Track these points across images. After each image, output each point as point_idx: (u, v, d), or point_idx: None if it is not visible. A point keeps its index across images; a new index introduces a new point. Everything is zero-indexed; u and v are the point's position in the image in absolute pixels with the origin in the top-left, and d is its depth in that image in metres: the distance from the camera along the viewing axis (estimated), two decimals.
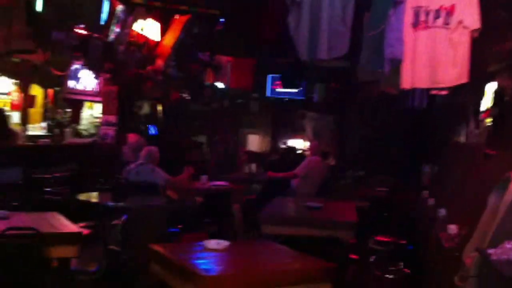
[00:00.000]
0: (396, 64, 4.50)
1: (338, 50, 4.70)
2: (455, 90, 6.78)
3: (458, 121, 9.08)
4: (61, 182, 6.86)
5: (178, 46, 9.51)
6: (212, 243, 3.65)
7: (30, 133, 9.59)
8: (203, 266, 3.23)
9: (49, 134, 9.96)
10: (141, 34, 8.74)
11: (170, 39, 9.50)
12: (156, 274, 3.53)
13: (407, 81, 4.67)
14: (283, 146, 13.62)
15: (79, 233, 3.92)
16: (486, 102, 6.35)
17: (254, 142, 14.67)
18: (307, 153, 9.00)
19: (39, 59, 8.81)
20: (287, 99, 13.44)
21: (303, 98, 13.01)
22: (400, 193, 7.71)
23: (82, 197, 6.02)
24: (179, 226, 5.78)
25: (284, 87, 11.88)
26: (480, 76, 5.66)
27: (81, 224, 5.25)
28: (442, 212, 4.96)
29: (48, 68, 9.23)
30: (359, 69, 6.30)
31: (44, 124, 10.20)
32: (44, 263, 3.70)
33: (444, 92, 7.38)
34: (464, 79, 4.58)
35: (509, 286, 2.72)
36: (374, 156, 12.24)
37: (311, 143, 11.16)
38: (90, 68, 9.19)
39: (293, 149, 13.26)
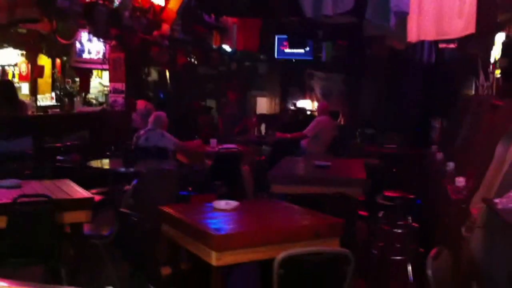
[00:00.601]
0: (402, 17, 4.43)
1: (343, 5, 4.63)
2: (463, 43, 6.70)
3: (468, 74, 8.99)
4: (72, 150, 6.93)
5: (183, 9, 9.41)
6: (221, 204, 3.70)
7: (40, 103, 9.66)
8: (213, 226, 3.28)
9: (59, 103, 10.03)
10: None
11: (175, 3, 9.39)
12: (167, 234, 3.60)
13: (413, 34, 4.62)
14: (292, 107, 13.58)
15: (91, 198, 3.98)
16: (496, 54, 6.26)
17: (263, 104, 14.64)
18: (316, 113, 8.97)
19: (45, 29, 8.79)
20: (295, 59, 13.33)
21: (311, 58, 12.89)
22: (409, 149, 7.71)
23: (94, 164, 6.09)
24: (189, 189, 5.85)
25: (291, 47, 11.77)
26: (489, 27, 5.56)
27: (93, 191, 5.33)
28: (451, 165, 4.96)
29: (55, 37, 9.21)
30: (365, 24, 6.23)
31: (53, 94, 10.25)
32: (57, 229, 3.78)
33: (452, 45, 7.29)
34: (470, 30, 4.52)
35: None
36: (384, 114, 12.19)
37: (319, 103, 11.14)
38: (96, 35, 9.14)
39: (302, 110, 13.23)
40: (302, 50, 12.61)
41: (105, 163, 6.40)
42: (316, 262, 2.91)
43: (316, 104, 12.85)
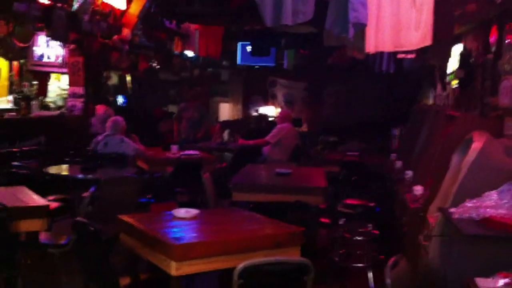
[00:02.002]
0: (360, 28, 4.49)
1: (303, 15, 4.65)
2: (422, 53, 6.85)
3: (426, 84, 9.20)
4: (29, 155, 6.76)
5: (145, 14, 9.33)
6: (181, 212, 3.66)
7: None
8: (173, 235, 3.24)
9: (16, 107, 9.77)
10: (106, 3, 8.53)
11: (136, 8, 9.29)
12: (126, 244, 3.53)
13: (371, 45, 4.69)
14: (255, 113, 13.62)
15: (46, 206, 3.88)
16: (453, 65, 6.43)
17: (225, 110, 14.64)
18: (277, 119, 9.01)
19: (2, 31, 8.58)
20: (258, 66, 13.38)
21: (273, 64, 12.96)
22: (370, 157, 7.81)
23: (51, 170, 5.95)
24: (149, 196, 5.78)
25: (254, 54, 11.81)
26: (446, 39, 5.71)
27: (51, 198, 5.21)
28: (409, 174, 5.05)
29: (11, 40, 9.00)
30: (325, 34, 6.30)
31: (10, 98, 9.98)
32: (12, 237, 3.66)
33: (411, 56, 7.44)
34: (427, 42, 4.62)
35: (470, 243, 2.80)
36: (345, 121, 12.36)
37: (281, 111, 11.19)
38: (54, 39, 8.96)
39: (265, 116, 13.27)
40: (264, 58, 12.67)
41: (63, 169, 6.26)
42: (276, 271, 2.90)
43: (279, 110, 12.92)
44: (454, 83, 6.34)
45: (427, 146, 5.17)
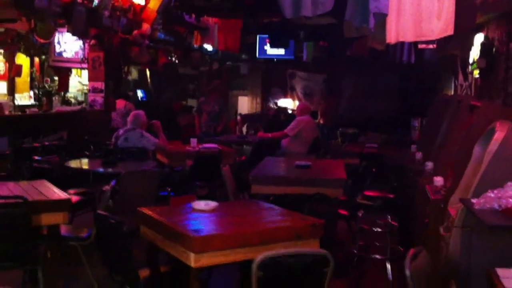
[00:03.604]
0: (381, 18, 4.45)
1: (322, 7, 4.62)
2: (443, 43, 6.76)
3: (447, 74, 9.08)
4: (51, 150, 6.84)
5: (164, 9, 9.35)
6: (201, 204, 3.66)
7: (18, 102, 9.52)
8: (192, 227, 3.25)
9: (37, 103, 9.91)
10: None
11: (155, 2, 9.32)
12: (146, 236, 3.56)
13: (392, 35, 4.64)
14: (274, 106, 13.60)
15: (68, 200, 3.92)
16: (474, 54, 6.33)
17: (244, 103, 14.64)
18: (296, 112, 8.98)
19: (23, 28, 8.69)
20: (276, 59, 13.35)
21: (292, 57, 12.91)
22: (389, 149, 7.75)
23: (72, 164, 6.01)
24: (169, 190, 5.81)
25: (273, 47, 11.78)
26: (468, 28, 5.62)
27: (72, 191, 5.28)
28: (429, 165, 4.99)
29: (33, 36, 9.10)
30: (345, 25, 6.25)
31: (31, 93, 10.12)
32: (33, 231, 3.71)
33: (432, 46, 7.35)
34: (449, 31, 4.55)
35: (491, 234, 2.77)
36: (364, 113, 12.28)
37: (299, 103, 11.15)
38: (75, 35, 9.04)
39: (284, 109, 13.25)
40: (283, 50, 12.63)
41: (84, 163, 6.33)
42: (296, 263, 2.89)
43: (297, 103, 12.87)
44: (476, 72, 6.25)
45: (449, 137, 5.11)
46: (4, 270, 3.86)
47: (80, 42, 10.23)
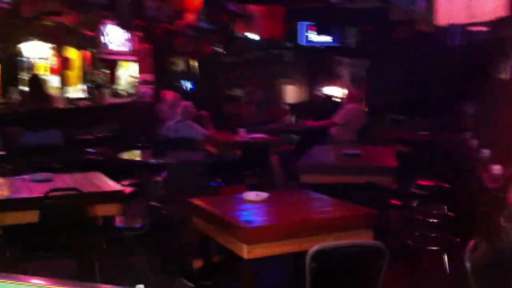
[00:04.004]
0: None
1: None
2: (495, 25, 6.50)
3: (500, 57, 8.74)
4: (103, 142, 6.99)
5: None
6: (251, 195, 3.66)
7: (70, 95, 9.75)
8: (244, 218, 3.25)
9: (89, 95, 10.12)
10: None
11: None
12: (197, 227, 3.58)
13: (442, 17, 4.49)
14: (321, 94, 13.46)
15: (121, 191, 3.99)
16: None
17: (290, 92, 14.55)
18: (344, 100, 8.85)
19: (70, 21, 8.85)
20: (321, 46, 13.18)
21: (337, 44, 12.73)
22: (441, 135, 7.54)
23: (124, 156, 6.13)
24: (219, 180, 5.84)
25: (319, 33, 11.63)
26: None
27: (124, 182, 5.36)
28: (486, 152, 4.83)
29: (80, 29, 9.27)
30: (391, 8, 6.08)
31: (83, 86, 10.35)
32: (89, 222, 3.80)
33: (483, 28, 7.08)
34: (503, 12, 4.36)
35: None
36: (413, 98, 12.00)
37: (348, 90, 10.98)
38: (119, 26, 9.16)
39: (330, 97, 13.10)
40: (327, 37, 12.46)
41: (136, 154, 6.44)
42: (350, 255, 2.85)
43: (343, 90, 12.70)
44: None
45: (506, 123, 4.92)
46: (60, 259, 3.97)
47: (128, 35, 10.37)
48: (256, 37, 11.62)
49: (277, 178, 5.54)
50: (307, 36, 12.80)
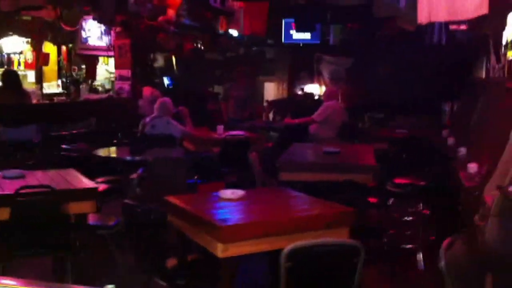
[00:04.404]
0: None
1: None
2: (475, 24, 6.54)
3: (479, 56, 8.82)
4: (79, 138, 6.89)
5: None
6: (228, 193, 3.61)
7: (46, 91, 9.61)
8: (220, 216, 3.21)
9: (65, 91, 9.98)
10: None
11: None
12: (173, 225, 3.53)
13: (423, 15, 4.48)
14: (301, 92, 13.45)
15: (95, 189, 3.92)
16: (508, 35, 6.11)
17: (271, 89, 14.52)
18: (323, 97, 8.84)
19: (50, 16, 8.71)
20: (303, 44, 13.16)
21: (318, 41, 12.71)
22: (419, 133, 7.58)
23: (100, 152, 6.04)
24: (196, 177, 5.78)
25: (298, 30, 11.59)
26: (502, 7, 5.40)
27: (100, 179, 5.29)
28: (462, 151, 4.85)
29: (59, 24, 9.13)
30: (375, 5, 6.08)
31: (59, 82, 10.20)
32: (61, 220, 3.72)
33: (463, 27, 7.12)
34: (483, 10, 4.37)
35: None
36: (393, 97, 12.05)
37: (327, 88, 10.99)
38: (101, 22, 9.04)
39: (310, 95, 13.10)
40: (309, 34, 12.43)
41: (112, 151, 6.35)
42: (325, 253, 2.82)
43: (324, 88, 12.70)
44: (510, 54, 6.03)
45: (483, 121, 4.95)
46: (33, 258, 3.89)
47: (107, 30, 10.24)
48: (238, 34, 11.55)
49: (256, 175, 5.50)
50: (289, 33, 12.77)
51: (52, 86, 9.94)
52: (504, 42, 6.35)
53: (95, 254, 4.33)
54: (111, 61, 10.90)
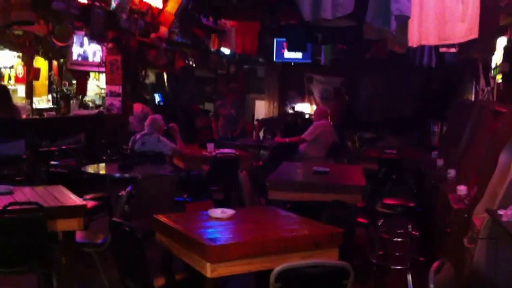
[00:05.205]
0: (403, 21, 4.34)
1: (342, 9, 4.53)
2: (465, 47, 6.62)
3: (468, 79, 8.92)
4: (68, 154, 6.84)
5: (181, 12, 9.34)
6: (217, 212, 3.60)
7: (36, 106, 9.55)
8: (208, 236, 3.18)
9: (55, 106, 9.93)
10: (144, 1, 8.58)
11: (173, 5, 9.31)
12: (161, 243, 3.50)
13: (414, 39, 4.53)
14: (291, 111, 13.50)
15: (83, 206, 3.88)
16: (497, 58, 6.19)
17: (261, 107, 14.57)
18: (313, 116, 8.88)
19: (42, 31, 8.71)
20: (294, 63, 13.26)
21: (309, 61, 12.80)
22: (408, 154, 7.62)
23: (90, 169, 6.00)
24: (185, 196, 5.76)
25: (290, 50, 11.68)
26: (491, 31, 5.48)
27: (88, 196, 5.25)
28: (452, 172, 4.87)
29: (51, 39, 9.12)
30: (365, 28, 6.15)
31: (50, 97, 10.15)
32: (48, 237, 3.68)
33: (453, 50, 7.21)
34: (473, 34, 4.43)
35: None
36: (382, 117, 12.14)
37: (317, 108, 11.04)
38: (92, 38, 9.05)
39: (301, 113, 13.15)
40: (300, 54, 12.52)
41: (101, 167, 6.31)
42: (314, 274, 2.81)
43: (315, 107, 12.76)
44: (499, 77, 6.11)
45: (472, 143, 4.98)
46: (18, 275, 3.84)
47: (98, 46, 10.24)
48: (229, 51, 11.61)
49: (245, 194, 5.48)
50: (280, 52, 12.86)
51: (43, 101, 9.88)
52: (493, 66, 6.44)
53: (82, 271, 4.28)
54: (102, 76, 10.90)
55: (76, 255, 4.05)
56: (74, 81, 10.64)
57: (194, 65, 12.69)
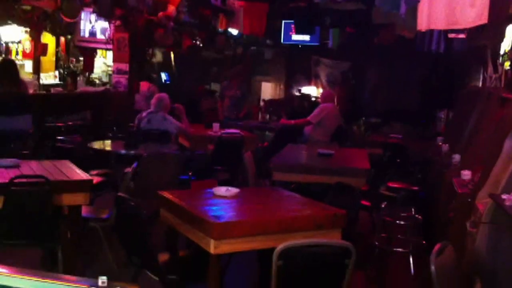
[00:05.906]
0: (413, 4, 4.32)
1: None
2: (474, 33, 6.58)
3: (476, 65, 8.87)
4: (74, 130, 6.87)
5: None
6: (222, 190, 3.62)
7: (43, 81, 9.57)
8: (213, 213, 3.21)
9: (62, 82, 9.95)
10: None
11: None
12: (166, 220, 3.54)
13: (423, 23, 4.51)
14: (297, 93, 13.47)
15: (89, 181, 3.92)
16: (506, 45, 6.14)
17: (267, 89, 14.53)
18: (319, 99, 8.87)
19: (50, 7, 8.69)
20: (301, 45, 13.17)
21: (317, 44, 12.72)
22: (414, 140, 7.62)
23: (95, 145, 6.04)
24: (190, 174, 5.79)
25: (298, 32, 11.61)
26: (501, 18, 5.44)
27: (94, 172, 5.28)
28: (456, 158, 4.88)
29: (59, 15, 9.10)
30: (374, 11, 6.11)
31: (57, 73, 10.17)
32: (54, 211, 3.72)
33: (462, 36, 7.16)
34: (483, 20, 4.40)
35: None
36: (389, 103, 12.10)
37: (324, 91, 11.01)
38: (100, 15, 9.02)
39: (307, 96, 13.12)
40: (308, 37, 12.44)
41: (107, 144, 6.35)
42: (317, 254, 2.84)
43: (321, 90, 12.72)
44: (507, 64, 6.06)
45: (477, 130, 4.98)
46: (23, 248, 3.89)
47: (106, 23, 10.22)
48: (237, 33, 11.55)
49: (249, 174, 5.50)
50: (288, 34, 12.77)
51: (49, 77, 9.91)
52: (501, 53, 6.40)
53: (87, 246, 4.32)
54: (109, 54, 10.89)
55: (81, 230, 4.10)
56: (81, 58, 10.64)
57: (201, 45, 12.64)
